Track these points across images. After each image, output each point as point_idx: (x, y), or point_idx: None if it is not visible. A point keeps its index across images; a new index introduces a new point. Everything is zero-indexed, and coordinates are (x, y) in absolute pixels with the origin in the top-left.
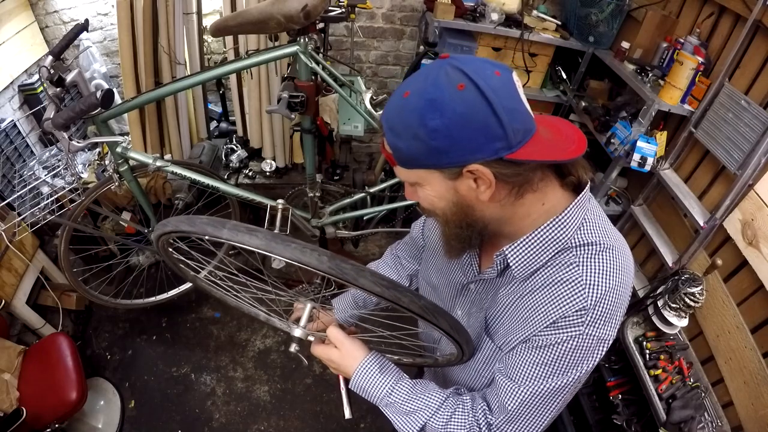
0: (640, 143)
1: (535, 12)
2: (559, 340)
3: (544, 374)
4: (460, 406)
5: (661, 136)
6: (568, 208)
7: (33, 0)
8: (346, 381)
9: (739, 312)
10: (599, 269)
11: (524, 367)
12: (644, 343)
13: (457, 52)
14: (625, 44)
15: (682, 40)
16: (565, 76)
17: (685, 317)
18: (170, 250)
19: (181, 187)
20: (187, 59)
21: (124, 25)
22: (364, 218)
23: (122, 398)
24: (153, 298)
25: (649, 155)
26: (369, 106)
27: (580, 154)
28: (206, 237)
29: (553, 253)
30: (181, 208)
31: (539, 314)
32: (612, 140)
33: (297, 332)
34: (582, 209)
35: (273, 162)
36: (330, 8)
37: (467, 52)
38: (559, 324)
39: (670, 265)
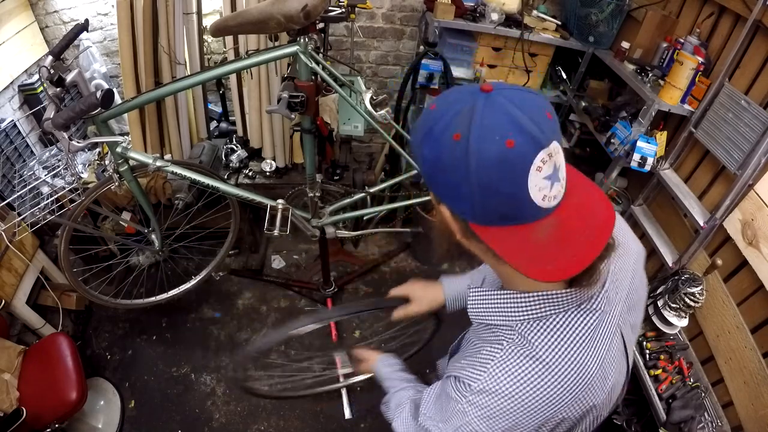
0: (640, 143)
1: (535, 12)
2: (445, 392)
3: (424, 412)
4: (405, 400)
5: (661, 136)
6: (537, 296)
7: (33, 0)
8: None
9: (739, 312)
10: (507, 372)
11: (427, 400)
12: (644, 343)
13: (457, 53)
14: (625, 44)
15: (682, 40)
16: (565, 76)
17: (685, 317)
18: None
19: (181, 187)
20: (187, 59)
21: (124, 25)
22: (364, 218)
23: (122, 398)
24: (153, 298)
25: (649, 155)
26: (369, 106)
27: (546, 280)
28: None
29: (503, 322)
30: (181, 208)
31: (464, 358)
32: (612, 140)
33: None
34: (550, 303)
35: (273, 162)
36: (330, 8)
37: (467, 52)
38: (451, 379)
39: (670, 265)
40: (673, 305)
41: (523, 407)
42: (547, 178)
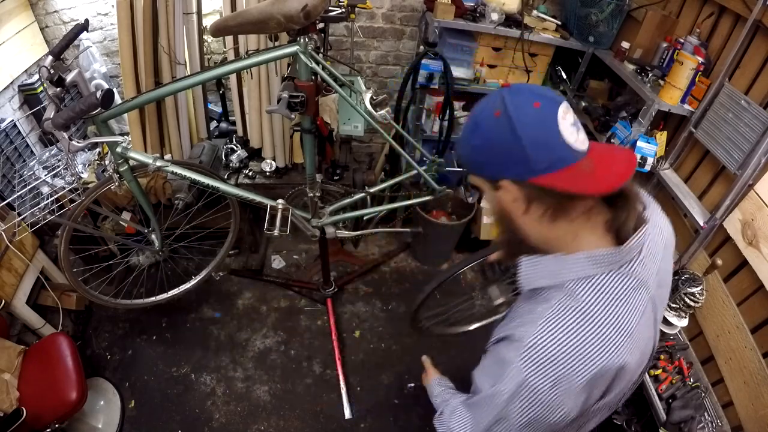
0: (640, 143)
1: (535, 12)
2: (496, 356)
3: (487, 394)
4: (454, 407)
5: (661, 136)
6: (585, 256)
7: (33, 0)
8: (347, 380)
9: (739, 312)
10: (559, 328)
11: (478, 378)
12: None
13: (457, 53)
14: (625, 44)
15: (682, 40)
16: (565, 76)
17: (685, 317)
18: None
19: (181, 187)
20: (187, 59)
21: (124, 25)
22: (364, 218)
23: (122, 398)
24: (153, 298)
25: (649, 155)
26: (369, 106)
27: (603, 192)
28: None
29: (547, 284)
30: (181, 208)
31: (509, 321)
32: (612, 140)
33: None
34: (595, 263)
35: (273, 162)
36: (330, 8)
37: (467, 52)
38: (501, 342)
39: None
40: (673, 305)
41: (572, 356)
42: (573, 125)
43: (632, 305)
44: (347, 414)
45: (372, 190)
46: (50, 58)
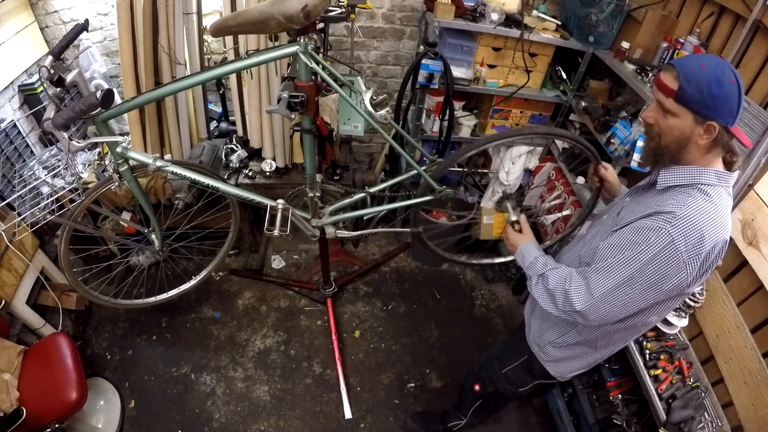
0: (640, 143)
1: (535, 12)
2: (643, 227)
3: (621, 260)
4: (568, 273)
5: None
6: (714, 171)
7: (33, 0)
8: (347, 380)
9: (739, 312)
10: (700, 208)
11: (608, 250)
12: (644, 343)
13: (457, 53)
14: (625, 44)
15: (682, 40)
16: (565, 76)
17: (685, 317)
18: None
19: (181, 187)
20: (187, 59)
21: (124, 25)
22: (364, 218)
23: (122, 398)
24: (153, 298)
25: None
26: (369, 106)
27: (746, 143)
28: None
29: (686, 183)
30: (181, 208)
31: (648, 208)
32: (612, 140)
33: (513, 217)
34: (719, 178)
35: (273, 162)
36: (330, 8)
37: (467, 52)
38: (651, 216)
39: None
40: None
41: (709, 224)
42: None
43: (729, 211)
44: (347, 414)
45: (372, 190)
46: (50, 58)
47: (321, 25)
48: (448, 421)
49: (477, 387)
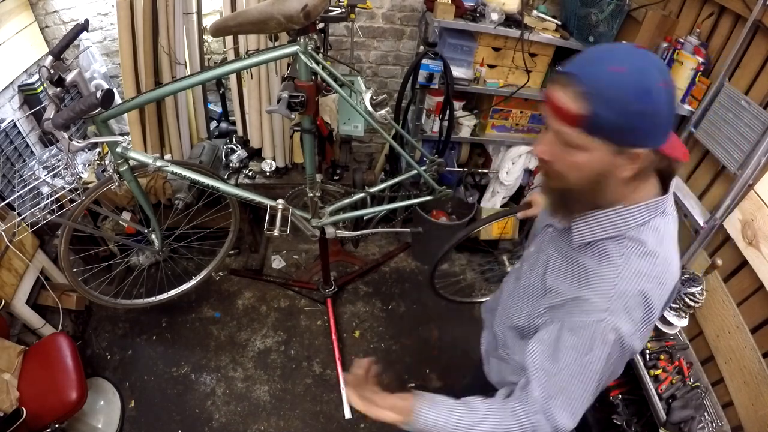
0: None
1: (535, 12)
2: (580, 328)
3: (570, 373)
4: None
5: None
6: (643, 205)
7: (33, 0)
8: (346, 380)
9: (739, 312)
10: (637, 272)
11: (562, 352)
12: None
13: (457, 53)
14: None
15: (682, 40)
16: None
17: (685, 317)
18: None
19: (181, 187)
20: (187, 59)
21: (124, 25)
22: (364, 218)
23: (122, 398)
24: (153, 298)
25: None
26: (369, 106)
27: (682, 157)
28: None
29: (609, 236)
30: (181, 208)
31: (576, 283)
32: None
33: None
34: (651, 211)
35: (273, 162)
36: (330, 8)
37: (467, 52)
38: (583, 303)
39: None
40: (673, 305)
41: (654, 285)
42: None
43: (674, 237)
44: (347, 414)
45: (372, 190)
46: (50, 58)
47: (321, 25)
48: None
49: None
